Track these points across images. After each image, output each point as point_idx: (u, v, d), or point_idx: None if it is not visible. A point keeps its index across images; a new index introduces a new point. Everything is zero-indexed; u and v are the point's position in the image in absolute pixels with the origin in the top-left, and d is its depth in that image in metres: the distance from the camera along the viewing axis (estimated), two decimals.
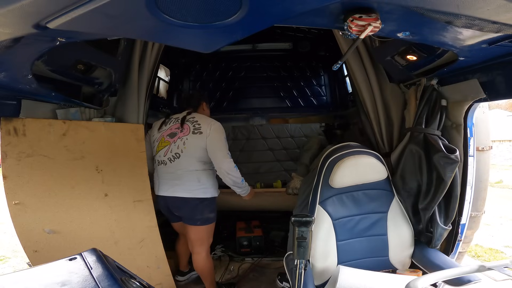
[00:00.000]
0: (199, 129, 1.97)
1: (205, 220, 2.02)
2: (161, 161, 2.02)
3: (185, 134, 1.98)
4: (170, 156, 1.98)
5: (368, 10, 0.95)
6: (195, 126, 1.99)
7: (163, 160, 2.01)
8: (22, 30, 0.94)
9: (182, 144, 1.96)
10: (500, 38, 1.04)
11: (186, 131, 1.98)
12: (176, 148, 1.97)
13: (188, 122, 2.02)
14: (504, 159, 12.11)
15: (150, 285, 0.91)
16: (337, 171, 1.66)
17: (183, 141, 1.97)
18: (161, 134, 2.06)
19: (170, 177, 1.99)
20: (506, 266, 0.96)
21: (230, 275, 2.54)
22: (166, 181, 2.00)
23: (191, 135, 1.97)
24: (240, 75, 3.81)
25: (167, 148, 2.00)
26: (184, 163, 1.96)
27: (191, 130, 1.98)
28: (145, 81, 2.08)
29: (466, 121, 1.64)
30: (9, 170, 1.79)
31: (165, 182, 2.01)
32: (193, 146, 1.95)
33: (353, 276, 1.48)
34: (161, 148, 2.03)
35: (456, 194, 1.65)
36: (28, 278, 0.81)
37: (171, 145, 1.99)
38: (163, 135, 2.04)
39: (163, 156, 2.01)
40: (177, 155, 1.97)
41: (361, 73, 2.08)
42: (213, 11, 0.87)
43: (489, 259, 3.50)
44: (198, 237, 2.05)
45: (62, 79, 1.63)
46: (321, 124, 3.79)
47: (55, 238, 1.86)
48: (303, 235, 1.27)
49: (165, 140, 2.02)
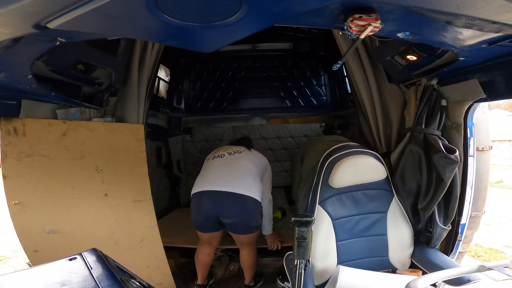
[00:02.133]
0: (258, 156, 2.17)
1: (258, 227, 2.04)
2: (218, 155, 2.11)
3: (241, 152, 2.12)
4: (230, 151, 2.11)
5: (368, 10, 0.95)
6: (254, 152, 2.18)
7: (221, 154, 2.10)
8: (22, 30, 0.94)
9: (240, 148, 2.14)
10: (500, 38, 1.04)
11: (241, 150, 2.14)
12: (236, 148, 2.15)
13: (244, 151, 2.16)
14: (504, 159, 12.11)
15: (150, 285, 0.91)
16: (337, 171, 1.66)
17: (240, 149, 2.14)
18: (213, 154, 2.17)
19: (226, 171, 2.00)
20: (506, 266, 0.96)
21: (230, 275, 2.54)
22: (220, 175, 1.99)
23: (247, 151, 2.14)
24: (240, 75, 3.81)
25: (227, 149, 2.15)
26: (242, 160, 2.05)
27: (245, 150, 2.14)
28: (145, 81, 2.08)
29: (466, 121, 1.64)
30: (9, 170, 1.78)
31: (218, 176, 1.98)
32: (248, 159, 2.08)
33: (353, 276, 1.48)
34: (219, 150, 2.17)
35: (456, 194, 1.65)
36: (28, 278, 0.81)
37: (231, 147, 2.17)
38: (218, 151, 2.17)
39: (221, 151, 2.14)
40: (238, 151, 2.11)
41: (360, 74, 2.09)
42: (213, 11, 0.87)
43: (489, 259, 3.50)
44: (252, 240, 2.06)
45: (62, 79, 1.63)
46: (321, 124, 3.79)
47: (55, 238, 1.86)
48: (303, 235, 1.27)
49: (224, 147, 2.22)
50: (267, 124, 3.78)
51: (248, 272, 2.23)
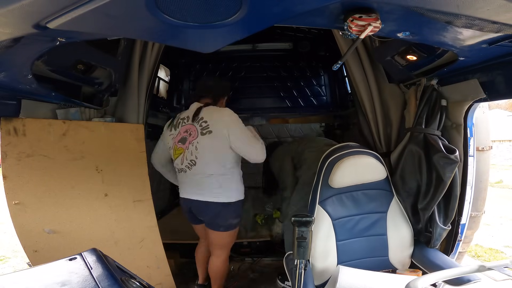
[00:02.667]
0: (207, 128, 1.79)
1: (228, 227, 1.91)
2: (180, 169, 1.93)
3: (194, 138, 1.82)
4: (187, 164, 1.86)
5: (368, 10, 0.95)
6: (202, 125, 1.81)
7: (182, 168, 1.90)
8: (22, 30, 0.94)
9: (194, 149, 1.82)
10: (500, 38, 1.04)
11: (194, 134, 1.82)
12: (190, 155, 1.84)
13: (195, 123, 1.84)
14: (504, 159, 12.12)
15: (150, 285, 0.91)
16: (337, 171, 1.66)
17: (194, 146, 1.82)
18: (173, 140, 1.92)
19: (192, 184, 1.89)
20: (506, 266, 0.96)
21: (230, 275, 2.54)
22: (188, 186, 1.93)
23: (200, 137, 1.80)
24: (240, 75, 3.81)
25: (182, 156, 1.87)
26: (201, 169, 1.83)
27: (198, 131, 1.81)
28: (145, 81, 2.08)
29: (466, 121, 1.64)
30: (9, 170, 1.78)
31: (188, 186, 1.93)
32: (206, 150, 1.80)
33: (353, 276, 1.48)
34: (177, 156, 1.90)
35: (456, 194, 1.65)
36: (28, 278, 0.81)
37: (185, 152, 1.85)
38: (175, 141, 1.90)
39: (180, 165, 1.90)
40: (192, 162, 1.83)
41: (359, 74, 2.09)
42: (213, 11, 0.86)
43: (489, 259, 3.50)
44: (220, 243, 1.98)
45: (62, 79, 1.63)
46: (321, 124, 3.79)
47: (55, 238, 1.86)
48: (303, 235, 1.27)
49: (178, 147, 1.89)
50: (267, 124, 3.77)
51: (215, 283, 2.07)
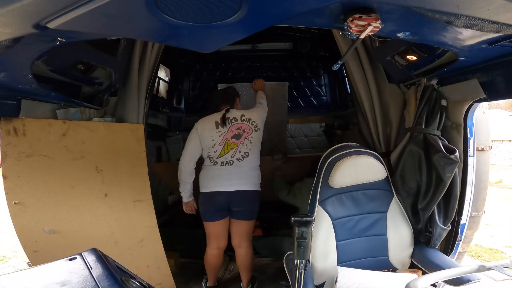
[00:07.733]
0: (257, 126, 2.15)
1: (255, 214, 2.16)
2: (226, 162, 2.09)
3: (249, 134, 2.12)
4: (239, 156, 2.10)
5: (368, 10, 0.95)
6: (253, 123, 2.14)
7: (230, 161, 2.09)
8: (22, 30, 0.94)
9: (249, 143, 2.12)
10: (500, 38, 1.04)
11: (249, 131, 2.13)
12: (245, 148, 2.11)
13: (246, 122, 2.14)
14: (504, 159, 12.13)
15: (150, 285, 0.91)
16: (337, 171, 1.66)
17: (249, 140, 2.12)
18: (223, 136, 2.10)
19: (236, 176, 2.08)
20: (506, 266, 0.96)
21: (230, 275, 2.54)
22: (229, 178, 2.07)
23: (254, 133, 2.13)
24: (240, 75, 3.81)
25: (235, 149, 2.10)
26: (251, 160, 2.12)
27: (252, 128, 2.13)
28: (145, 81, 2.08)
29: (466, 121, 1.64)
30: (9, 170, 1.78)
31: (229, 179, 2.07)
32: (257, 144, 2.15)
33: (353, 276, 1.48)
34: (228, 150, 2.10)
35: (456, 194, 1.65)
36: (28, 278, 0.81)
37: (239, 146, 2.10)
38: (226, 137, 2.10)
39: (230, 157, 2.09)
40: (246, 154, 2.11)
41: (359, 74, 2.08)
42: (213, 11, 0.87)
43: (489, 259, 3.50)
44: (249, 232, 2.17)
45: (62, 79, 1.63)
46: (321, 124, 3.79)
47: (55, 238, 1.86)
48: (303, 235, 1.27)
49: (231, 142, 2.11)
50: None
51: (245, 275, 2.23)
